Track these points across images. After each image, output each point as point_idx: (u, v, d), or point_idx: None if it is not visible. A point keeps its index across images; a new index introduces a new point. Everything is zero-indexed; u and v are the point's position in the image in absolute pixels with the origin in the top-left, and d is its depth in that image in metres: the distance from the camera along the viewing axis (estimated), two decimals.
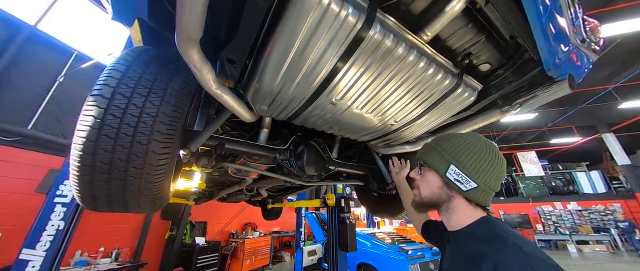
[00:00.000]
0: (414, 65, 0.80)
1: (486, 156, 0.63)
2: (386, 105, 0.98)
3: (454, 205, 0.65)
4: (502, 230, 0.57)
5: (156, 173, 0.74)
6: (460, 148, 0.65)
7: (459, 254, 0.61)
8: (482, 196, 0.62)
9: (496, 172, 0.63)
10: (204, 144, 1.07)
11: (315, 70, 0.77)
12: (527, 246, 0.52)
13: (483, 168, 0.62)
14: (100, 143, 0.64)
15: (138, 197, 0.76)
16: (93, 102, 0.65)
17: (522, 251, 0.50)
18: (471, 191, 0.62)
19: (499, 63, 1.00)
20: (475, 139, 0.67)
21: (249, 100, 0.93)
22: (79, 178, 0.66)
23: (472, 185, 0.61)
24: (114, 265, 3.96)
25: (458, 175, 0.63)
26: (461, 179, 0.62)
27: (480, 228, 0.61)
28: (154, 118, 0.70)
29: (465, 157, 0.63)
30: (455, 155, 0.65)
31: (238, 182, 2.46)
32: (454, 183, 0.63)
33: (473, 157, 0.63)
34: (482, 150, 0.64)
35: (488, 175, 0.62)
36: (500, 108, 1.10)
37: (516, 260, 0.49)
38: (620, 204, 10.70)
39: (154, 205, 0.85)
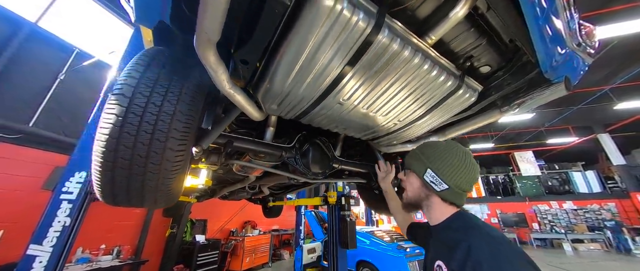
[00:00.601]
0: (418, 68, 0.84)
1: (458, 162, 0.74)
2: (391, 105, 1.02)
3: (431, 203, 0.77)
4: (473, 221, 0.69)
5: (173, 169, 0.77)
6: (436, 155, 0.77)
7: (439, 243, 0.71)
8: (453, 195, 0.73)
9: (466, 175, 0.74)
10: (214, 142, 1.11)
11: (325, 72, 0.81)
12: (494, 232, 0.63)
13: (454, 172, 0.73)
14: (122, 140, 0.67)
15: (155, 192, 0.79)
16: (115, 101, 0.68)
17: (491, 236, 0.61)
18: (444, 191, 0.73)
19: (498, 65, 1.04)
20: (450, 147, 0.78)
21: (259, 99, 0.97)
22: (101, 173, 0.70)
23: (444, 187, 0.73)
24: (115, 262, 3.99)
25: (433, 177, 0.75)
26: (435, 181, 0.74)
27: (455, 221, 0.72)
28: (171, 116, 0.73)
29: (440, 163, 0.75)
30: (432, 160, 0.77)
31: (241, 179, 2.49)
32: (429, 185, 0.75)
33: (446, 162, 0.75)
34: (455, 156, 0.75)
35: (458, 178, 0.73)
36: (500, 109, 1.15)
37: (486, 242, 0.58)
38: (615, 203, 10.86)
39: (168, 200, 0.89)
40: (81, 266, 3.63)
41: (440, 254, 0.67)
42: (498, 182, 13.68)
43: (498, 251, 0.55)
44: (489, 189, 13.69)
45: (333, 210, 3.65)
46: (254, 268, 6.91)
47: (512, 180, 13.28)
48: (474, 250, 0.57)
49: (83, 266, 3.64)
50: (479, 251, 0.57)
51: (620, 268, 6.70)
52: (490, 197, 13.40)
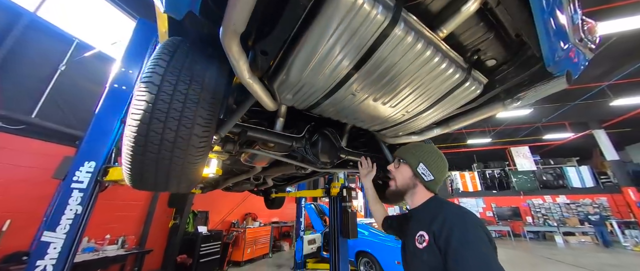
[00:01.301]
0: (429, 60, 0.88)
1: (439, 160, 1.01)
2: (400, 97, 1.07)
3: (416, 190, 0.98)
4: (444, 201, 0.92)
5: (197, 155, 0.82)
6: (425, 153, 1.02)
7: (419, 219, 0.90)
8: (434, 185, 0.98)
9: (443, 170, 1.01)
10: (230, 131, 1.15)
11: (341, 64, 0.85)
12: (461, 207, 0.85)
13: (437, 167, 0.99)
14: (152, 126, 0.71)
15: (180, 176, 0.84)
16: (145, 88, 0.71)
17: (459, 208, 0.84)
18: (430, 181, 0.97)
19: (504, 59, 1.09)
20: (432, 149, 1.05)
21: (274, 89, 1.00)
22: (132, 157, 0.74)
23: (431, 177, 0.97)
24: (121, 251, 4.07)
25: (424, 170, 0.98)
26: (425, 173, 0.97)
27: (431, 202, 0.94)
28: (196, 104, 0.77)
29: (429, 159, 1.00)
30: (422, 157, 1.01)
31: (247, 170, 2.55)
32: (420, 175, 0.97)
33: (432, 159, 1.00)
34: (438, 156, 1.03)
35: (439, 172, 0.99)
36: (503, 102, 1.20)
37: (456, 213, 0.80)
38: (607, 198, 11.16)
39: (190, 184, 0.93)
40: (88, 255, 3.70)
41: (421, 226, 0.85)
42: (494, 176, 13.93)
43: (464, 219, 0.77)
44: (485, 183, 13.94)
45: (335, 201, 3.73)
46: (254, 258, 7.07)
47: (508, 174, 13.53)
48: (448, 218, 0.78)
49: (89, 255, 3.71)
50: (452, 218, 0.78)
51: (608, 259, 6.95)
52: (486, 191, 13.66)
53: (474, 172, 14.34)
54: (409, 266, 0.88)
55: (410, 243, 0.86)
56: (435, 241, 0.75)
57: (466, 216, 0.78)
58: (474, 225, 0.74)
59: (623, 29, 4.74)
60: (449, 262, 0.69)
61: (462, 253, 0.68)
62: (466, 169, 14.79)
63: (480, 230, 0.73)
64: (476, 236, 0.71)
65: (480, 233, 0.72)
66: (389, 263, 4.71)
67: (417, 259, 0.81)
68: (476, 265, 0.64)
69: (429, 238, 0.78)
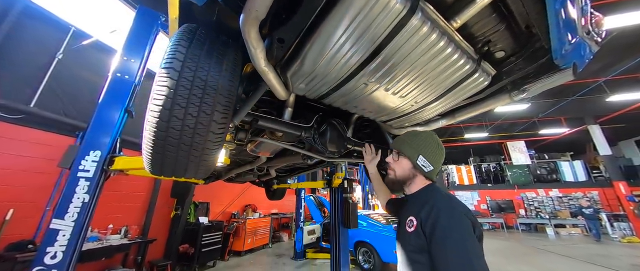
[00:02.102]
0: (442, 51, 0.90)
1: (437, 149, 1.01)
2: (410, 87, 1.09)
3: (415, 180, 1.00)
4: (437, 188, 0.97)
5: (215, 142, 0.84)
6: (423, 144, 1.01)
7: (412, 204, 0.95)
8: (433, 174, 1.00)
9: (441, 157, 1.02)
10: (242, 120, 1.17)
11: (356, 53, 0.86)
12: (451, 195, 0.90)
13: (435, 157, 1.00)
14: (174, 112, 0.73)
15: (198, 163, 0.86)
16: (166, 74, 0.72)
17: (448, 196, 0.89)
18: (430, 171, 0.98)
19: (512, 51, 1.11)
20: (430, 137, 1.03)
21: (287, 78, 1.02)
22: (154, 142, 0.76)
23: (430, 168, 0.98)
24: (124, 240, 4.12)
25: (424, 162, 0.98)
26: (425, 165, 0.98)
27: (426, 189, 0.98)
28: (216, 90, 0.78)
29: (427, 150, 0.99)
30: (421, 148, 1.00)
31: (251, 161, 2.57)
32: (421, 167, 0.98)
33: (430, 150, 1.00)
34: (436, 145, 1.01)
35: (437, 161, 1.00)
36: (509, 93, 1.23)
37: (444, 200, 0.85)
38: (598, 192, 11.47)
39: (206, 171, 0.96)
40: (92, 244, 3.75)
41: (412, 211, 0.89)
42: (490, 170, 14.16)
43: (451, 208, 0.80)
44: (481, 177, 14.19)
45: (335, 192, 3.80)
46: (255, 248, 7.21)
47: (503, 168, 13.77)
48: (436, 205, 0.82)
49: (94, 243, 3.76)
50: (440, 204, 0.82)
51: (598, 249, 7.22)
52: (481, 184, 13.92)
53: (470, 165, 14.55)
54: (399, 248, 0.93)
55: (402, 226, 0.92)
56: (422, 227, 0.79)
57: (453, 205, 0.81)
58: (460, 214, 0.77)
59: (623, 24, 4.76)
60: (433, 249, 0.73)
61: (444, 243, 0.72)
62: (462, 163, 15.00)
63: (465, 219, 0.76)
64: (461, 225, 0.74)
65: (466, 223, 0.75)
66: (387, 253, 4.85)
67: (405, 242, 0.86)
68: (457, 256, 0.68)
69: (417, 223, 0.82)
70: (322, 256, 6.42)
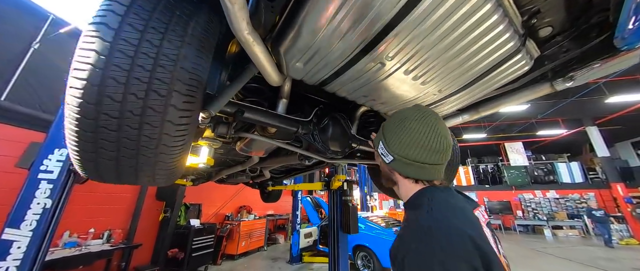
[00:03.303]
0: (487, 18, 0.68)
1: (408, 126, 0.63)
2: (436, 71, 0.86)
3: (397, 180, 0.68)
4: (425, 198, 0.59)
5: (177, 135, 0.60)
6: (390, 124, 0.68)
7: (404, 222, 0.64)
8: (406, 168, 0.63)
9: (419, 141, 0.61)
10: (223, 111, 0.93)
11: (372, 20, 0.63)
12: (441, 220, 0.52)
13: (402, 139, 0.62)
14: (107, 89, 0.49)
15: (153, 165, 0.62)
16: (95, 33, 0.48)
17: (430, 227, 0.51)
18: (392, 163, 0.64)
19: (561, 27, 0.89)
20: (405, 112, 0.67)
21: (281, 56, 0.78)
22: (78, 135, 0.51)
23: (389, 158, 0.64)
24: (106, 246, 3.82)
25: (382, 149, 0.67)
26: (383, 153, 0.66)
27: (412, 200, 0.63)
28: (175, 62, 0.54)
29: (389, 131, 0.66)
30: (385, 130, 0.68)
31: (242, 161, 2.33)
32: (381, 156, 0.67)
33: (396, 130, 0.65)
34: (407, 120, 0.64)
35: (407, 146, 0.61)
36: (551, 82, 1.01)
37: (419, 233, 0.51)
38: (594, 193, 11.49)
39: (170, 176, 0.72)
40: (69, 250, 3.44)
41: (401, 231, 0.59)
42: (487, 171, 14.12)
43: (425, 251, 0.47)
44: (478, 178, 14.14)
45: (334, 195, 3.57)
46: (249, 251, 6.93)
47: (501, 169, 13.73)
48: (405, 240, 0.52)
49: (71, 250, 3.45)
50: (411, 241, 0.51)
51: (598, 252, 7.14)
52: (479, 185, 13.87)
53: (468, 166, 14.50)
54: None
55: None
56: (393, 265, 0.54)
57: (431, 245, 0.48)
58: (439, 261, 0.45)
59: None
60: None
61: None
62: (460, 164, 14.94)
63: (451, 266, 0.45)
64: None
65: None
66: (387, 257, 4.64)
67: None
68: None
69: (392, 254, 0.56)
70: (319, 260, 6.19)
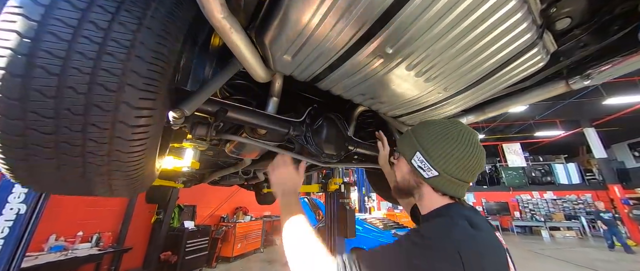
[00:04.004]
0: (503, 4, 0.58)
1: (455, 144, 0.61)
2: (444, 65, 0.77)
3: (422, 192, 0.66)
4: (448, 215, 0.57)
5: (135, 139, 0.49)
6: (429, 136, 0.65)
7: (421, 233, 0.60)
8: (446, 185, 0.62)
9: (464, 162, 0.61)
10: (201, 110, 0.82)
11: (370, 3, 0.53)
12: (462, 230, 0.51)
13: (448, 157, 0.61)
14: (33, 81, 0.38)
15: (106, 174, 0.51)
16: (17, 9, 0.38)
17: (463, 248, 0.46)
18: (433, 179, 0.62)
19: (581, 18, 0.80)
20: (448, 127, 0.65)
21: (266, 45, 0.68)
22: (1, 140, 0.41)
23: (433, 173, 0.62)
24: (94, 250, 3.68)
25: (421, 162, 0.63)
26: (423, 166, 0.63)
27: (437, 216, 0.61)
28: (128, 50, 0.44)
29: (432, 145, 0.63)
30: (423, 142, 0.65)
31: (234, 163, 2.22)
32: (417, 170, 0.64)
33: (440, 144, 0.62)
34: (453, 138, 0.62)
35: (453, 164, 0.60)
36: (566, 80, 0.92)
37: (445, 256, 0.47)
38: (591, 194, 11.51)
39: (133, 187, 0.61)
40: (54, 254, 3.31)
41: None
42: (485, 172, 14.14)
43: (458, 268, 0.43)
44: (476, 179, 14.17)
45: (331, 197, 3.47)
46: (245, 254, 6.81)
47: (499, 170, 13.74)
48: (428, 260, 0.46)
49: (57, 254, 3.32)
50: (432, 263, 0.45)
51: (596, 254, 7.11)
52: (477, 186, 13.86)
53: None
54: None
55: None
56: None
57: (458, 265, 0.44)
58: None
59: None
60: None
61: None
62: None
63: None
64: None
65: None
66: None
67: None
68: None
69: None
70: None
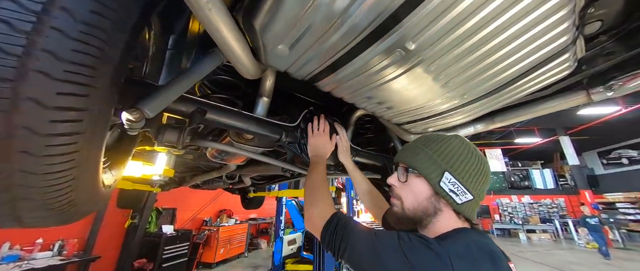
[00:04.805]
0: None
1: (477, 162, 0.57)
2: (468, 70, 0.66)
3: (439, 219, 0.57)
4: (468, 238, 0.50)
5: (50, 154, 0.33)
6: (453, 153, 0.57)
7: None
8: (473, 209, 0.57)
9: (487, 180, 0.58)
10: (173, 110, 0.66)
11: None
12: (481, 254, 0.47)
13: (477, 176, 0.56)
14: None
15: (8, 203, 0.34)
16: None
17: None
18: (465, 204, 0.55)
19: (614, 22, 0.72)
20: (464, 143, 0.60)
21: (257, 32, 0.53)
22: None
23: (468, 197, 0.55)
24: (55, 260, 3.29)
25: (454, 185, 0.55)
26: (457, 190, 0.54)
27: (450, 235, 0.53)
28: (37, 17, 0.28)
29: (461, 164, 0.56)
30: (449, 160, 0.56)
31: (217, 168, 2.02)
32: (448, 195, 0.55)
33: (468, 163, 0.56)
34: (474, 155, 0.58)
35: (481, 185, 0.57)
36: (587, 90, 0.85)
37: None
38: (564, 198, 12.24)
39: (63, 216, 0.44)
40: (7, 266, 2.91)
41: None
42: None
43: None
44: None
45: None
46: (228, 259, 6.50)
47: None
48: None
49: (9, 266, 2.92)
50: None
51: (569, 257, 7.50)
52: None
53: None
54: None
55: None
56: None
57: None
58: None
59: None
60: None
61: None
62: None
63: None
64: None
65: None
66: None
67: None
68: None
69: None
70: (302, 268, 5.90)
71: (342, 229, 0.57)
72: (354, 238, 0.53)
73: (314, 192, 0.74)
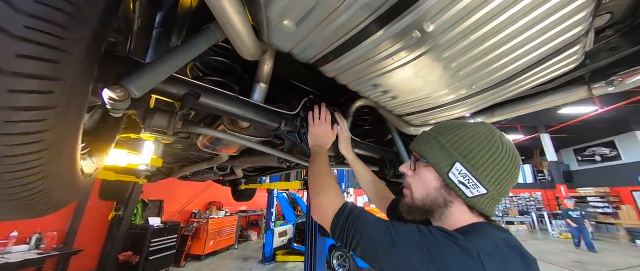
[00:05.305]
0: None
1: (502, 154, 0.51)
2: (480, 59, 0.63)
3: (450, 211, 0.54)
4: (487, 232, 0.47)
5: (12, 132, 0.27)
6: (470, 142, 0.52)
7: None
8: (489, 204, 0.52)
9: (511, 175, 0.52)
10: (162, 91, 0.59)
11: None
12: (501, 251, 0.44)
13: (496, 170, 0.51)
14: None
15: None
16: None
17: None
18: (477, 197, 0.51)
19: (623, 16, 0.72)
20: (488, 131, 0.54)
21: (261, 6, 0.47)
22: None
23: (480, 191, 0.50)
24: (32, 253, 3.12)
25: (464, 177, 0.51)
26: (467, 182, 0.51)
27: (467, 230, 0.49)
28: None
29: (476, 154, 0.51)
30: (463, 150, 0.52)
31: (208, 158, 1.94)
32: (457, 187, 0.51)
33: (486, 154, 0.51)
34: (498, 146, 0.52)
35: (501, 180, 0.51)
36: (589, 85, 0.85)
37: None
38: (541, 192, 13.00)
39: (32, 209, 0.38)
40: None
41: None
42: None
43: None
44: None
45: None
46: (218, 251, 6.46)
47: None
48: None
49: None
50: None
51: (543, 246, 8.02)
52: None
53: None
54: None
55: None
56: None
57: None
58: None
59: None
60: None
61: None
62: None
63: None
64: None
65: None
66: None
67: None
68: None
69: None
70: (293, 259, 5.98)
71: (354, 220, 0.52)
72: (368, 230, 0.49)
73: (319, 180, 0.69)
